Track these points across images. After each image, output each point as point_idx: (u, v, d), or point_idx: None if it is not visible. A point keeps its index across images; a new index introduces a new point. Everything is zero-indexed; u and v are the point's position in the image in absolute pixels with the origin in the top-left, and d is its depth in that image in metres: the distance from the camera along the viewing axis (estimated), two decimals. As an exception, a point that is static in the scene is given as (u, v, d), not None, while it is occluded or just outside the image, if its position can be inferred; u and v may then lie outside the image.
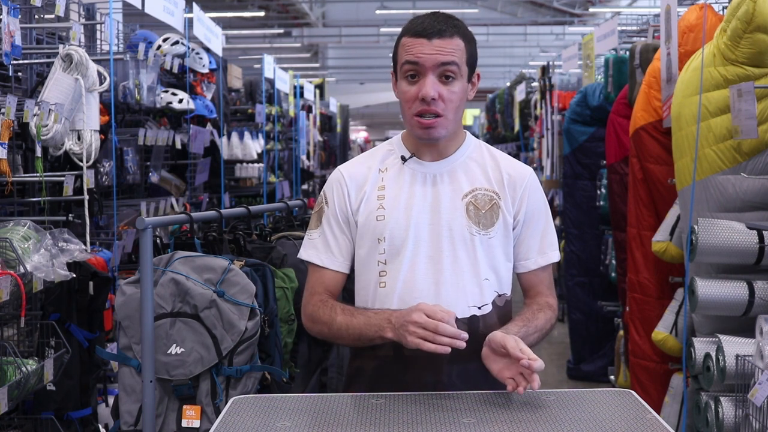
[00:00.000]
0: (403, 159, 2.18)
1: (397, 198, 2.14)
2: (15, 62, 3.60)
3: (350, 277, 2.24)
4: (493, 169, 2.17)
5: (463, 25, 2.13)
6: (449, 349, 1.90)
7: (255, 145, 8.14)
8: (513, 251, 2.18)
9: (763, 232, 3.12)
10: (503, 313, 2.16)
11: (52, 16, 4.06)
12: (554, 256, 2.20)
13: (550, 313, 2.17)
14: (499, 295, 2.16)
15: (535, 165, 9.13)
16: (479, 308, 2.12)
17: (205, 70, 6.08)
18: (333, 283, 2.19)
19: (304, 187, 11.62)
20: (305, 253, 2.21)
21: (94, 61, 3.78)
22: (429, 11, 2.17)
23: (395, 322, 1.98)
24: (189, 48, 5.76)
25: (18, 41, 3.33)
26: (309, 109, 12.52)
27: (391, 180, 2.16)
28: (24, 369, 3.05)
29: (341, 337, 2.12)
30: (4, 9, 3.24)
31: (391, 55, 2.24)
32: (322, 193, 2.24)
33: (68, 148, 3.69)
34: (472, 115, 28.69)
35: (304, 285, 2.26)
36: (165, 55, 5.34)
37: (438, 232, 2.11)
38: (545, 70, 8.35)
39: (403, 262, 2.11)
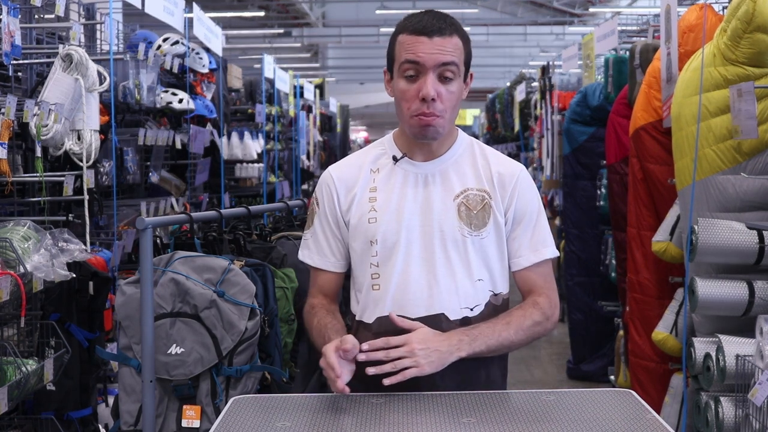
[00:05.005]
0: (395, 159, 2.17)
1: (389, 200, 2.13)
2: (15, 62, 3.60)
3: (346, 276, 2.25)
4: (484, 168, 2.17)
5: (458, 23, 2.12)
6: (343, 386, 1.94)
7: (255, 145, 8.14)
8: (506, 249, 2.17)
9: (763, 232, 3.12)
10: (499, 311, 2.15)
11: (52, 16, 4.06)
12: (547, 252, 2.17)
13: (531, 310, 2.12)
14: (495, 294, 2.16)
15: (535, 165, 9.13)
16: (471, 309, 2.11)
17: (205, 70, 6.08)
18: (327, 283, 2.22)
19: (304, 187, 11.61)
20: (301, 253, 2.26)
21: (94, 61, 3.78)
22: (424, 10, 2.16)
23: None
24: (189, 48, 5.76)
25: (18, 41, 3.33)
26: (309, 109, 12.52)
27: (383, 181, 2.16)
28: (24, 369, 3.05)
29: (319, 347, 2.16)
30: (4, 9, 3.24)
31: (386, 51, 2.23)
32: (314, 193, 2.26)
33: (68, 148, 3.69)
34: (472, 115, 28.70)
35: (305, 285, 2.28)
36: (165, 55, 5.34)
37: (430, 234, 2.11)
38: (545, 70, 8.34)
39: (395, 264, 2.11)
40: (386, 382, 1.95)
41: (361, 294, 2.16)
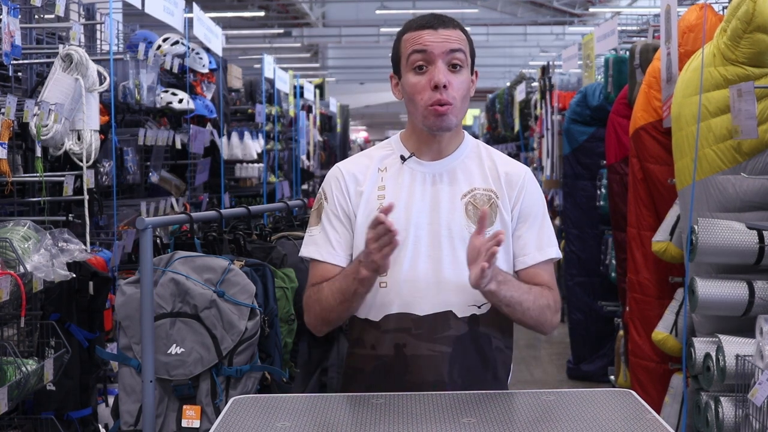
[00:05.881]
0: (403, 158, 2.18)
1: (397, 198, 2.14)
2: (15, 62, 3.60)
3: None
4: (491, 168, 2.19)
5: (461, 24, 2.17)
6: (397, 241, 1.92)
7: (255, 145, 8.14)
8: (511, 248, 2.18)
9: (763, 232, 3.12)
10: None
11: (52, 16, 4.06)
12: (552, 252, 2.19)
13: (548, 293, 2.15)
14: None
15: (535, 165, 9.13)
16: (479, 307, 2.12)
17: (205, 70, 6.08)
18: (333, 276, 2.18)
19: (304, 187, 11.62)
20: (306, 250, 2.20)
21: (94, 61, 3.78)
22: (427, 11, 2.19)
23: (362, 257, 2.00)
24: (189, 48, 5.76)
25: (18, 41, 3.33)
26: (309, 109, 12.52)
27: (391, 180, 2.17)
28: (24, 369, 3.05)
29: (330, 307, 2.11)
30: (4, 9, 3.24)
31: (390, 55, 2.24)
32: (320, 190, 2.23)
33: (68, 148, 3.69)
34: (472, 115, 28.63)
35: (305, 284, 2.26)
36: (165, 55, 5.34)
37: (437, 232, 2.12)
38: (545, 70, 8.34)
39: (403, 262, 2.11)
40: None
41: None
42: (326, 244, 2.17)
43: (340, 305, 2.10)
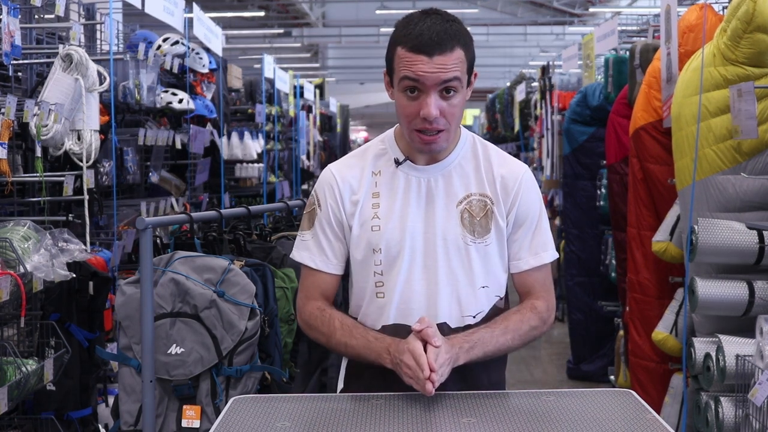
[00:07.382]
0: (397, 162, 2.13)
1: (392, 206, 2.10)
2: (15, 62, 3.60)
3: (344, 276, 2.22)
4: (487, 171, 2.13)
5: (460, 26, 2.03)
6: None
7: (255, 145, 8.15)
8: (506, 251, 2.15)
9: (763, 232, 3.12)
10: (500, 313, 2.14)
11: (52, 16, 4.06)
12: (547, 256, 2.15)
13: (530, 314, 2.11)
14: (501, 298, 2.16)
15: (535, 165, 9.13)
16: (473, 317, 2.10)
17: (205, 70, 6.08)
18: (328, 286, 2.17)
19: (304, 187, 11.62)
20: (298, 255, 2.18)
21: (94, 61, 3.78)
22: (423, 11, 2.04)
23: (393, 355, 1.99)
24: (189, 48, 5.76)
25: (18, 41, 3.33)
26: (309, 109, 12.53)
27: (385, 185, 2.12)
28: (24, 369, 3.05)
29: (339, 352, 2.14)
30: (4, 9, 3.24)
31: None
32: (313, 192, 2.19)
33: (68, 148, 3.69)
34: (472, 115, 28.70)
35: None
36: (165, 55, 5.34)
37: (432, 242, 2.08)
38: (545, 70, 8.35)
39: (399, 273, 2.08)
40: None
41: (364, 300, 2.13)
42: (320, 252, 2.15)
43: (349, 355, 2.14)
